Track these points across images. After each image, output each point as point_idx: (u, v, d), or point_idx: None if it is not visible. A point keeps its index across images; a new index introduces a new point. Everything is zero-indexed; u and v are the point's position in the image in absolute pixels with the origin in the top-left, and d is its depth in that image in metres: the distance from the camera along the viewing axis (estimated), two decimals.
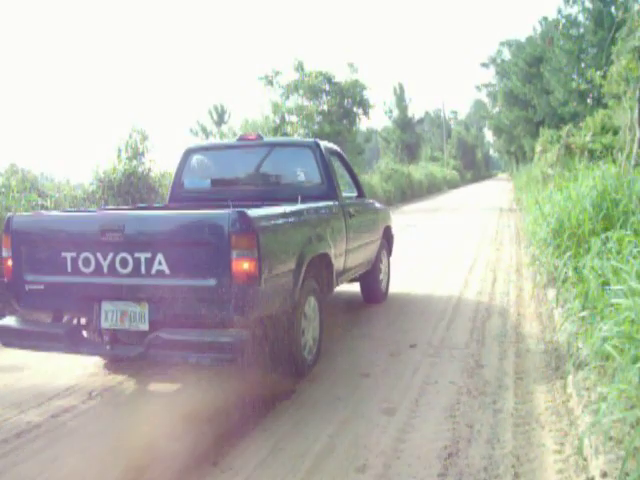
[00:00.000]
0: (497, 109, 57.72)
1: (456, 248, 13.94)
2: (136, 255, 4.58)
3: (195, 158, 7.44)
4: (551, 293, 7.77)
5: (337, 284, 6.54)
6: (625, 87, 14.65)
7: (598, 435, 3.78)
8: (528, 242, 11.20)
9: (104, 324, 4.74)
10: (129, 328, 4.70)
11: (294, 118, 27.17)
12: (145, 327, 4.63)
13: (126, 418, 4.80)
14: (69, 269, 4.78)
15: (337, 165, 7.50)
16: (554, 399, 4.80)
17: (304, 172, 7.04)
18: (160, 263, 4.53)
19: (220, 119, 43.13)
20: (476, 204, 28.61)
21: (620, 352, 3.82)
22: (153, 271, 4.55)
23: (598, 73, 15.05)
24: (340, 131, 27.55)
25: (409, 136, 54.24)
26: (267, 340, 4.90)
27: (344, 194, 7.25)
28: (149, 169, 13.71)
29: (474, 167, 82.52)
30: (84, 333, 5.01)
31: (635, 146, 12.69)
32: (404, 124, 54.52)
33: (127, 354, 4.82)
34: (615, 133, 18.33)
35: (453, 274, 10.59)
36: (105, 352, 4.96)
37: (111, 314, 4.73)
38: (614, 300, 4.35)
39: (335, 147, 7.81)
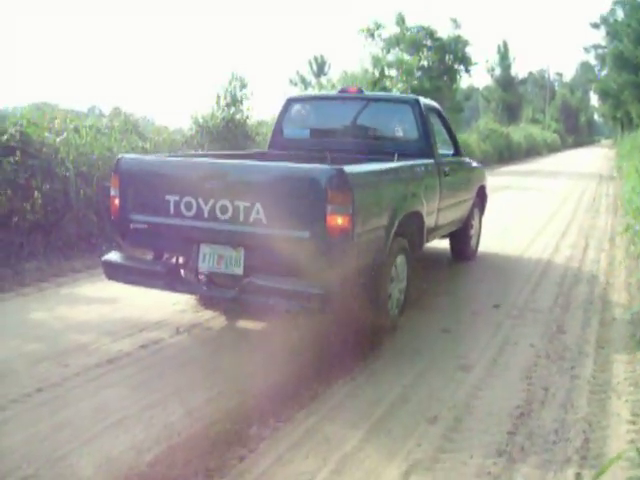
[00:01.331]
0: (605, 72, 55.50)
1: (550, 213, 13.66)
2: (236, 203, 4.71)
3: (295, 108, 7.58)
4: None
5: (427, 241, 6.58)
6: None
7: None
8: (625, 211, 10.89)
9: (201, 265, 4.96)
10: (225, 271, 4.90)
11: (393, 72, 26.91)
12: (240, 271, 4.82)
13: (210, 352, 5.04)
14: (172, 211, 4.97)
15: (435, 122, 7.46)
16: (634, 370, 4.74)
17: (402, 128, 7.08)
18: (258, 212, 4.65)
19: (320, 70, 43.07)
20: (575, 170, 27.78)
21: None
22: (251, 219, 4.68)
23: None
24: (440, 87, 27.16)
25: (511, 96, 52.91)
26: (356, 293, 4.97)
27: (441, 151, 7.22)
28: (247, 117, 13.89)
29: (576, 132, 79.91)
30: (182, 273, 5.20)
31: None
32: (506, 83, 53.16)
33: (222, 296, 5.06)
34: None
35: (544, 238, 10.43)
36: (201, 292, 5.32)
37: (209, 256, 4.93)
38: None
39: (434, 104, 7.81)
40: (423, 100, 7.23)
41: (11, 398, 4.06)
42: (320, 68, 43.16)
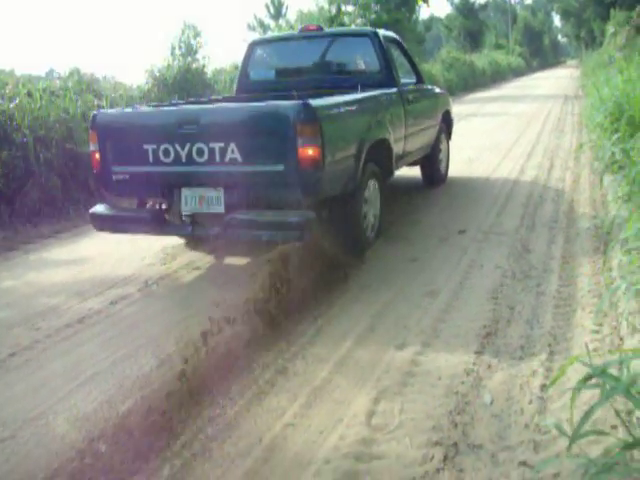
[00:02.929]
0: None
1: (515, 137, 13.64)
2: (211, 145, 4.99)
3: (259, 51, 7.83)
4: (607, 179, 7.66)
5: (397, 167, 6.91)
6: None
7: (636, 315, 3.84)
8: (588, 129, 10.93)
9: (184, 208, 5.25)
10: (207, 211, 5.19)
11: (350, 8, 26.52)
12: (221, 209, 5.12)
13: (179, 301, 5.07)
14: (151, 160, 5.22)
15: (396, 53, 7.75)
16: (598, 282, 4.82)
17: (363, 61, 7.40)
18: (233, 151, 4.95)
19: (277, 12, 42.32)
20: (541, 92, 27.71)
21: None
22: (227, 159, 4.97)
23: None
24: (399, 20, 26.78)
25: (472, 23, 52.45)
26: (332, 219, 5.40)
27: (403, 81, 7.43)
28: (203, 65, 13.68)
29: (541, 54, 79.58)
30: (167, 217, 5.42)
31: None
32: (467, 10, 52.63)
33: (206, 234, 5.41)
34: None
35: (509, 162, 10.44)
36: (187, 233, 5.56)
37: (190, 199, 5.24)
38: None
39: (393, 35, 8.06)
40: (381, 32, 7.46)
41: None
42: (278, 10, 42.39)
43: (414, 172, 8.69)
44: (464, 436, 2.99)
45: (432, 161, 8.65)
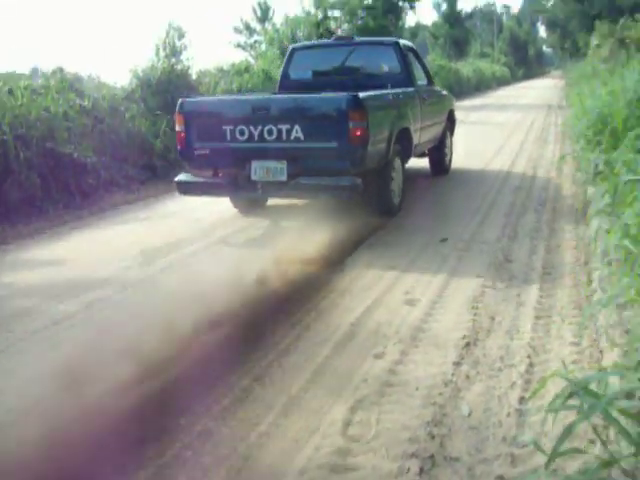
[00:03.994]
0: (551, 2, 55.45)
1: (498, 146, 13.68)
2: (279, 126, 6.46)
3: (298, 55, 9.36)
4: (590, 190, 7.67)
5: (413, 154, 8.37)
6: None
7: (616, 328, 3.82)
8: (571, 139, 10.97)
9: (254, 177, 6.62)
10: (272, 179, 6.56)
11: (337, 13, 26.52)
12: (284, 178, 6.51)
13: (158, 304, 4.97)
14: (228, 138, 6.67)
15: (412, 59, 9.14)
16: (579, 294, 4.82)
17: (387, 65, 8.84)
18: (297, 132, 6.41)
19: (264, 16, 42.24)
20: (525, 102, 27.86)
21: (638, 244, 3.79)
22: (292, 137, 6.44)
23: None
24: (385, 26, 26.81)
25: (458, 31, 52.62)
26: (369, 187, 6.66)
27: (418, 82, 8.89)
28: (188, 67, 13.59)
29: (526, 64, 79.89)
30: (239, 183, 6.79)
31: None
32: (453, 19, 52.81)
33: (275, 195, 7.03)
34: None
35: (493, 170, 10.47)
36: (257, 195, 7.05)
37: (259, 169, 6.58)
38: None
39: (410, 44, 9.70)
40: (402, 41, 9.23)
41: None
42: (264, 14, 42.31)
43: None
44: (441, 448, 2.95)
45: (439, 153, 10.06)
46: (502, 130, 16.84)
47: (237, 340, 4.08)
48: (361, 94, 6.38)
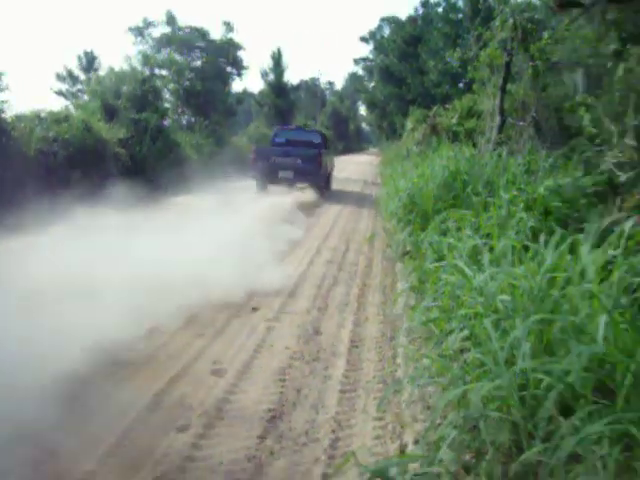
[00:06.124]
0: (372, 84, 58.49)
1: (312, 217, 13.88)
2: (291, 157, 17.13)
3: (278, 130, 20.19)
4: (398, 266, 7.97)
5: (329, 179, 20.26)
6: (490, 74, 15.10)
7: (417, 404, 3.94)
8: (383, 216, 11.40)
9: (280, 176, 17.16)
10: (288, 177, 17.25)
11: (165, 72, 26.47)
12: (292, 178, 17.29)
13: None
14: (270, 160, 17.16)
15: (325, 137, 21.24)
16: (384, 368, 4.94)
17: (317, 140, 19.55)
18: (299, 160, 17.11)
19: (90, 65, 41.39)
20: (342, 175, 28.86)
21: (439, 324, 3.96)
22: (297, 162, 17.10)
23: (458, 54, 15.54)
24: (212, 90, 27.07)
25: (283, 102, 53.83)
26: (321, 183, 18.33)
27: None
28: (1, 110, 12.89)
29: (346, 138, 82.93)
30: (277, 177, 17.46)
31: (494, 131, 13.13)
32: (279, 89, 54.01)
33: (289, 184, 17.82)
34: (479, 117, 18.93)
35: (307, 242, 10.58)
36: (290, 179, 17.39)
37: (283, 172, 17.07)
38: (443, 276, 4.51)
39: (323, 132, 23.58)
40: (323, 131, 24.90)
41: None
42: (90, 63, 41.43)
43: None
44: None
45: (328, 181, 19.73)
46: (316, 203, 17.22)
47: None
48: (320, 150, 17.61)
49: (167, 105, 26.07)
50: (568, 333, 3.09)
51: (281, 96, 53.93)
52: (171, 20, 27.69)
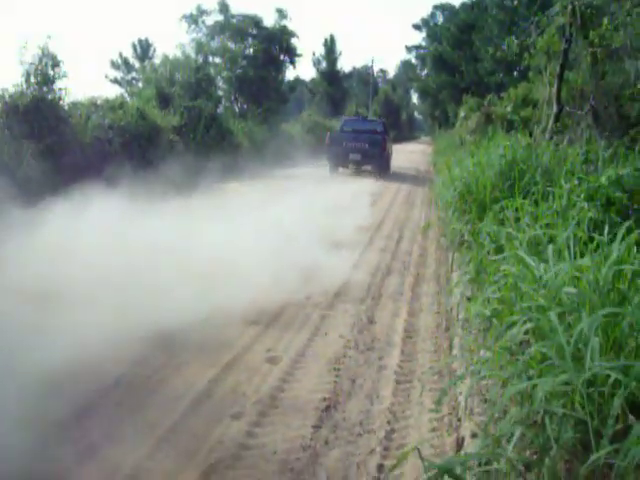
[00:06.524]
0: (425, 72, 57.92)
1: (367, 207, 13.76)
2: (360, 141, 20.62)
3: (345, 119, 23.88)
4: (453, 256, 7.85)
5: (390, 156, 24.25)
6: (546, 62, 14.78)
7: (474, 397, 3.85)
8: (437, 205, 11.26)
9: (351, 158, 20.63)
10: (357, 159, 20.84)
11: (218, 60, 26.59)
12: (360, 159, 20.77)
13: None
14: (343, 144, 20.50)
15: (385, 124, 24.43)
16: (439, 359, 4.86)
17: (378, 126, 22.83)
18: (366, 143, 20.58)
19: (144, 54, 41.80)
20: (394, 165, 28.73)
21: (499, 316, 3.86)
22: (365, 145, 20.56)
23: (516, 41, 15.09)
24: (265, 77, 27.12)
25: (335, 90, 53.78)
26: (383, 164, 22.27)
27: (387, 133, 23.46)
28: (59, 97, 13.03)
29: (398, 127, 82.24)
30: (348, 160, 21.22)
31: (551, 121, 12.85)
32: (332, 77, 53.96)
33: (357, 166, 21.31)
34: (535, 106, 18.55)
35: (360, 232, 10.45)
36: (357, 161, 20.87)
37: (353, 155, 20.54)
38: (503, 267, 4.39)
39: (383, 120, 26.41)
40: (383, 119, 26.63)
41: None
42: (145, 51, 41.83)
43: None
44: None
45: (388, 164, 22.21)
46: (371, 191, 17.02)
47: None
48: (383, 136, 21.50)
49: (220, 93, 26.33)
50: (638, 329, 2.97)
51: (333, 84, 53.86)
52: (224, 8, 27.78)
